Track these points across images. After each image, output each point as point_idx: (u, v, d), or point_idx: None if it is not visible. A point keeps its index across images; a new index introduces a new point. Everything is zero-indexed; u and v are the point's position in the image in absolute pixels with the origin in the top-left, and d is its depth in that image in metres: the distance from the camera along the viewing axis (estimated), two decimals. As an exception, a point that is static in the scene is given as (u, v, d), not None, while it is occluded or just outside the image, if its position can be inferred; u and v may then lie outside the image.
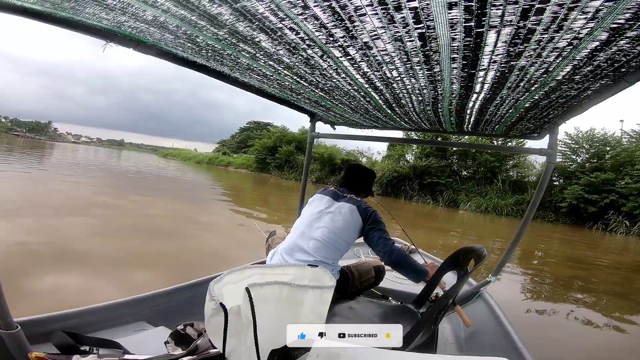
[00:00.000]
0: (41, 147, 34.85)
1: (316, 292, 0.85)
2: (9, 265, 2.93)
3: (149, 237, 4.64)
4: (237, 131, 47.04)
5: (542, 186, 1.72)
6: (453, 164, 18.28)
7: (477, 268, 1.35)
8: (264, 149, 25.87)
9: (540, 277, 5.20)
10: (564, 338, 2.91)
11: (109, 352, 1.06)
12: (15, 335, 0.86)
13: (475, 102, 1.24)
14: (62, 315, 1.18)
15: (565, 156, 15.94)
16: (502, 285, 4.36)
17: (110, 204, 6.70)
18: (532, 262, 6.47)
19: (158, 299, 1.50)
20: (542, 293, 4.44)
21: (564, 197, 14.10)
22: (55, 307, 1.20)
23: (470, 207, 15.44)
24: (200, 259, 3.84)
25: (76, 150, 41.78)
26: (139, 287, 2.18)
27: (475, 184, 16.85)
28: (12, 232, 3.95)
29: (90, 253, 3.61)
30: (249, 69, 1.21)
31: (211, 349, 0.94)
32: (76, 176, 11.15)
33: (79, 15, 0.90)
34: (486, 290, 1.98)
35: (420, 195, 17.15)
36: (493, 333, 1.57)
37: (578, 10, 0.58)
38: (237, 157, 32.88)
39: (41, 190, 7.54)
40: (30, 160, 16.07)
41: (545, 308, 3.73)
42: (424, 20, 0.68)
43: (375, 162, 19.99)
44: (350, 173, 1.73)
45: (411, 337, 1.13)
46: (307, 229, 1.50)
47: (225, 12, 0.78)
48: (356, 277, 1.61)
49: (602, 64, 0.78)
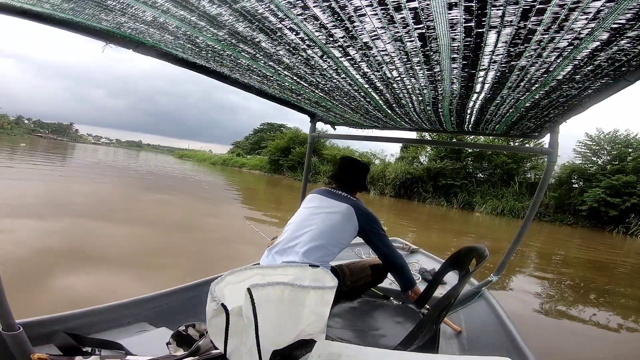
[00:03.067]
0: (64, 148, 36.58)
1: (317, 293, 0.86)
2: (56, 256, 3.24)
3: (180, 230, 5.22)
4: (251, 133, 47.23)
5: (543, 185, 1.72)
6: (468, 165, 18.06)
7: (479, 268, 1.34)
8: (277, 150, 25.82)
9: (558, 281, 5.06)
10: (579, 344, 2.86)
11: (111, 353, 1.06)
12: (18, 337, 0.86)
13: (475, 102, 1.24)
14: (64, 316, 1.18)
15: (586, 158, 15.64)
16: (516, 288, 4.33)
17: (137, 203, 7.19)
18: (550, 266, 6.32)
19: (159, 300, 1.50)
20: (560, 297, 4.33)
21: (583, 200, 13.81)
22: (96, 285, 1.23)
23: (486, 210, 15.19)
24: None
25: (97, 151, 43.49)
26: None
27: (490, 186, 16.64)
28: (59, 226, 4.37)
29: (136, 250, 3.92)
30: (249, 69, 1.21)
31: (213, 350, 0.94)
32: (111, 177, 12.05)
33: (78, 16, 0.90)
34: (487, 290, 1.98)
35: (434, 197, 17.01)
36: (495, 333, 1.57)
37: (579, 10, 0.57)
38: (250, 159, 33.03)
39: (72, 189, 8.10)
40: (55, 161, 16.73)
41: (562, 313, 3.65)
42: (424, 21, 0.68)
43: (389, 164, 19.87)
44: (344, 168, 1.68)
45: (413, 337, 1.13)
46: (299, 229, 1.48)
47: (225, 13, 0.78)
48: (347, 275, 1.58)
49: (602, 63, 0.78)
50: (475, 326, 1.77)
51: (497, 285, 4.32)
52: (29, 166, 12.02)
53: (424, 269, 2.43)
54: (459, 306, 1.92)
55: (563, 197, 14.73)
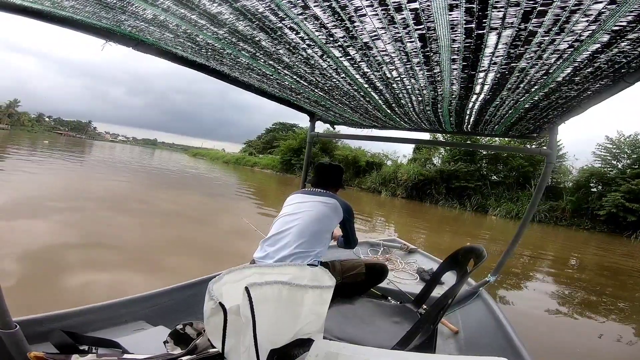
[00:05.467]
0: (84, 146, 38.55)
1: (315, 292, 0.86)
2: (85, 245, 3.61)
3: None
4: (263, 132, 47.01)
5: (541, 186, 1.72)
6: (482, 168, 17.62)
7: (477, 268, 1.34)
8: (289, 150, 25.49)
9: (574, 286, 4.94)
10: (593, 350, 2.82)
11: (108, 352, 1.06)
12: (14, 335, 0.86)
13: (475, 103, 1.24)
14: (61, 314, 1.17)
15: (605, 161, 15.08)
16: (532, 293, 4.29)
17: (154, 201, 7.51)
18: (566, 271, 6.19)
19: (157, 299, 1.50)
20: (574, 303, 4.22)
21: (602, 204, 13.35)
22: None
23: (500, 213, 14.71)
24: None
25: (114, 149, 45.66)
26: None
27: (505, 189, 16.19)
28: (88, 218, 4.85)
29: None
30: (248, 68, 1.21)
31: (210, 349, 0.94)
32: (129, 175, 12.55)
33: (78, 14, 0.90)
34: (485, 290, 1.99)
35: (447, 199, 16.64)
36: (492, 333, 1.57)
37: (580, 12, 0.58)
38: (262, 158, 32.85)
39: (96, 184, 8.68)
40: (79, 158, 17.88)
41: (576, 318, 3.59)
42: (425, 22, 0.68)
43: (400, 165, 19.56)
44: (320, 172, 1.86)
45: (410, 337, 1.13)
46: (287, 223, 1.60)
47: (225, 11, 0.77)
48: (337, 269, 1.68)
49: (602, 65, 0.78)
50: (472, 326, 1.78)
51: (508, 287, 4.28)
52: (59, 161, 13.47)
53: (421, 268, 2.44)
54: (456, 306, 1.92)
55: (581, 202, 14.24)
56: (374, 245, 2.96)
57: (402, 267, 2.52)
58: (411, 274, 2.39)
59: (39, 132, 76.11)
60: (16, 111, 75.88)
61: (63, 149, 24.07)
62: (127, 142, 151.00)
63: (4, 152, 14.01)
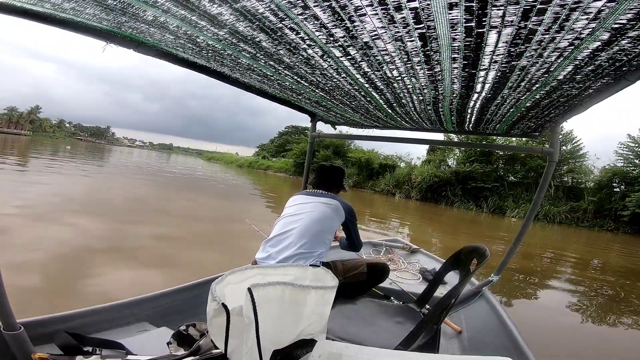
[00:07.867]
0: (104, 151, 41.26)
1: (318, 293, 0.85)
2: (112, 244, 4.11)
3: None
4: (276, 135, 47.03)
5: (543, 185, 1.71)
6: (499, 169, 17.28)
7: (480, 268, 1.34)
8: (302, 153, 25.26)
9: (596, 290, 4.84)
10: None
11: (112, 353, 1.06)
12: (19, 336, 0.86)
13: (476, 102, 1.24)
14: (65, 316, 1.18)
15: (628, 160, 14.78)
16: (554, 294, 4.24)
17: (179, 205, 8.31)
18: (588, 274, 5.96)
19: (160, 300, 1.50)
20: (595, 307, 4.09)
21: (625, 204, 13.05)
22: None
23: (519, 214, 14.27)
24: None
25: (132, 154, 48.68)
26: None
27: (523, 189, 15.78)
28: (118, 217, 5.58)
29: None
30: (249, 69, 1.22)
31: (213, 350, 0.94)
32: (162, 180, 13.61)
33: (79, 16, 0.91)
34: (488, 290, 1.98)
35: (463, 201, 16.40)
36: (495, 333, 1.57)
37: (580, 10, 0.57)
38: (275, 161, 33.04)
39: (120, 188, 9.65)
40: (100, 162, 20.06)
41: (597, 324, 3.53)
42: (425, 21, 0.68)
43: (414, 167, 19.41)
44: (321, 173, 1.85)
45: (413, 337, 1.13)
46: (289, 224, 1.60)
47: (225, 12, 0.78)
48: (339, 270, 1.68)
49: (603, 63, 0.78)
50: (475, 326, 1.77)
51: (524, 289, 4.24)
52: (84, 165, 15.20)
53: (424, 268, 2.43)
54: (459, 306, 1.92)
55: (603, 202, 13.97)
56: (376, 245, 2.96)
57: (404, 267, 2.51)
58: (414, 273, 2.39)
59: (60, 137, 78.72)
60: (38, 117, 77.23)
61: (86, 154, 25.68)
62: (144, 147, 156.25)
63: (39, 156, 16.34)
